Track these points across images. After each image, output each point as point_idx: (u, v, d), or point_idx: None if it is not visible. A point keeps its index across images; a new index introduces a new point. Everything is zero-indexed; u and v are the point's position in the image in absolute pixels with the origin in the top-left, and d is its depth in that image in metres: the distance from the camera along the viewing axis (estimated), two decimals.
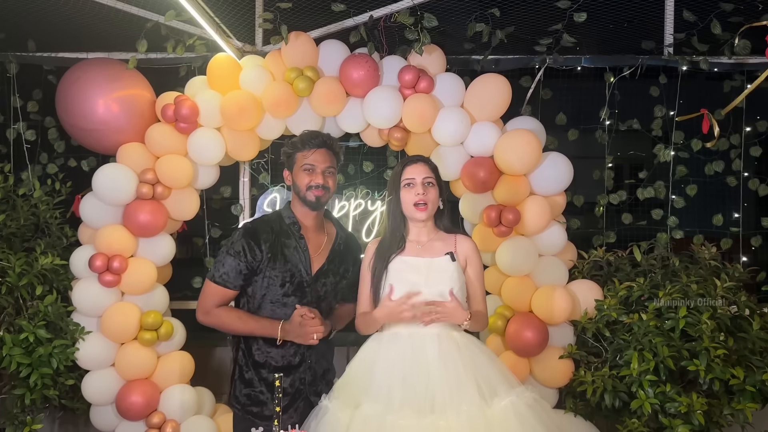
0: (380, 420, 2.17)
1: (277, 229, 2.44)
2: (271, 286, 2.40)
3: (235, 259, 2.38)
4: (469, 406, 2.17)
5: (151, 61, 3.53)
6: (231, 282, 2.40)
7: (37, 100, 3.74)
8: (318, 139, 2.44)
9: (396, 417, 2.16)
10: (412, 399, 2.19)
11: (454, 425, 2.14)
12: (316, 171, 2.41)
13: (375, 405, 2.21)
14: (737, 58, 3.45)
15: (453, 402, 2.18)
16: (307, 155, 2.42)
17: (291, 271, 2.40)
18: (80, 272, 3.21)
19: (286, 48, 3.22)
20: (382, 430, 2.15)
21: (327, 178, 2.43)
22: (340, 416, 2.23)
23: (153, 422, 3.17)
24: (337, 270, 2.52)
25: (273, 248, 2.40)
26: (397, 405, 2.19)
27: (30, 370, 2.95)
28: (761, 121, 3.63)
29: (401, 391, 2.21)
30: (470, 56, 3.55)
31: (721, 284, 2.89)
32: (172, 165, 3.23)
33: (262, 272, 2.39)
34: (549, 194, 3.25)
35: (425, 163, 2.45)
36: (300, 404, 2.44)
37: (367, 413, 2.20)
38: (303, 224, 2.47)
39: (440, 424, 2.15)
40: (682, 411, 2.67)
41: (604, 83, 3.58)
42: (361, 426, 2.18)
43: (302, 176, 2.42)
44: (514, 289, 3.20)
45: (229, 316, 2.43)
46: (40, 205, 3.40)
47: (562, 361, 3.11)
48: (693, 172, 3.63)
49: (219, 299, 2.43)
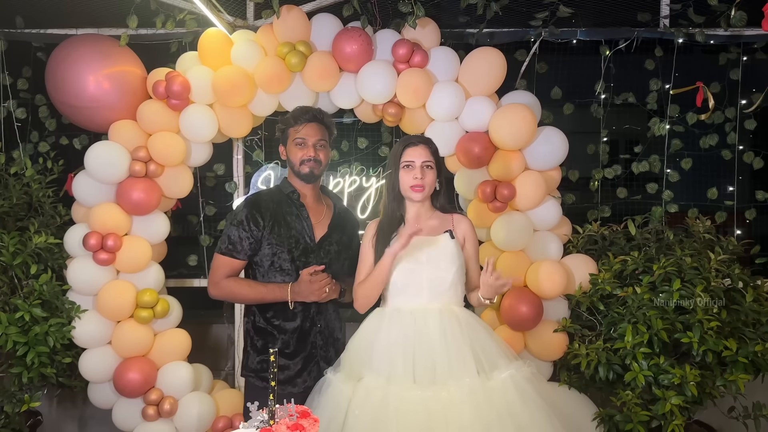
0: (383, 392, 2.22)
1: (277, 199, 2.57)
2: (278, 254, 2.50)
3: (238, 229, 2.48)
4: (470, 378, 2.23)
5: (141, 37, 3.48)
6: (237, 252, 2.49)
7: (26, 77, 3.70)
8: (308, 114, 2.56)
9: (399, 388, 2.22)
10: (414, 371, 2.24)
11: (456, 396, 2.19)
12: (308, 144, 2.53)
13: (377, 377, 2.26)
14: (733, 30, 3.42)
15: (454, 374, 2.23)
16: (298, 129, 2.54)
17: (295, 237, 2.51)
18: (74, 251, 3.20)
19: (277, 22, 3.17)
20: (385, 402, 2.20)
21: (318, 151, 2.54)
22: (343, 388, 2.29)
23: (151, 399, 3.19)
24: (340, 239, 2.62)
25: (275, 216, 2.50)
26: (399, 377, 2.24)
27: (26, 349, 2.95)
28: (756, 93, 3.62)
29: (403, 364, 2.26)
30: (465, 30, 3.51)
31: (715, 257, 2.90)
32: (164, 142, 3.20)
33: (266, 240, 2.49)
34: (544, 169, 3.24)
35: (426, 146, 2.48)
36: (313, 368, 2.53)
37: (369, 385, 2.26)
38: (302, 193, 2.59)
39: (442, 395, 2.20)
40: (676, 382, 2.70)
41: (599, 57, 3.55)
42: (363, 398, 2.23)
43: (295, 151, 2.55)
44: (509, 264, 3.20)
45: (238, 285, 2.52)
46: (32, 183, 3.38)
47: (557, 335, 3.14)
48: (688, 145, 3.63)
49: (228, 270, 2.52)
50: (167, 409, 3.19)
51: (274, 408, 1.55)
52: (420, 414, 2.15)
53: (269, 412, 1.54)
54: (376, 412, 2.17)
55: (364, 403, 2.21)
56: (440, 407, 2.17)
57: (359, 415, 2.18)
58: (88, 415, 3.73)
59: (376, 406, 2.19)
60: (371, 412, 2.18)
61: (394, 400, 2.18)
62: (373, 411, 2.18)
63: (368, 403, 2.20)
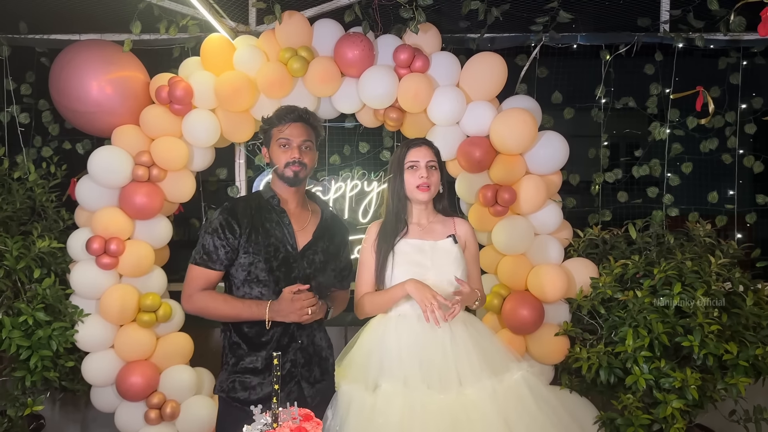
0: (404, 398, 2.19)
1: (255, 205, 2.34)
2: (255, 263, 2.26)
3: (212, 237, 2.25)
4: (489, 380, 2.26)
5: (144, 42, 3.50)
6: (213, 262, 2.26)
7: (30, 82, 3.72)
8: (293, 114, 2.34)
9: (420, 394, 2.20)
10: (431, 376, 2.24)
11: (477, 398, 2.22)
12: (292, 146, 2.31)
13: (395, 384, 2.22)
14: (732, 34, 3.45)
15: (472, 376, 2.25)
16: (282, 130, 2.33)
17: (275, 245, 2.27)
18: (78, 255, 3.22)
19: (279, 28, 3.19)
20: (410, 408, 2.17)
21: (303, 153, 2.32)
22: (366, 398, 2.22)
23: (153, 402, 3.20)
24: (326, 248, 2.39)
25: (252, 223, 2.27)
26: (416, 383, 2.22)
27: (30, 353, 2.96)
28: (756, 98, 3.64)
29: (419, 370, 2.25)
30: (466, 35, 3.53)
31: (715, 261, 2.91)
32: (167, 147, 3.22)
33: (243, 248, 2.26)
34: (545, 173, 3.26)
35: (429, 147, 2.49)
36: (294, 388, 2.28)
37: (388, 392, 2.22)
38: (283, 199, 2.37)
39: (465, 397, 2.22)
40: (677, 386, 2.71)
41: (599, 61, 3.58)
42: (384, 405, 2.18)
43: (278, 152, 2.33)
44: (510, 268, 3.22)
45: (213, 299, 2.28)
46: (35, 188, 3.39)
47: (558, 339, 3.15)
48: (688, 149, 3.65)
49: (203, 282, 2.29)
50: (169, 412, 3.20)
51: (278, 411, 1.56)
52: (446, 418, 2.15)
53: (272, 415, 1.55)
54: (400, 419, 2.14)
55: (387, 411, 2.16)
56: (463, 410, 2.18)
57: (383, 423, 2.13)
58: (90, 418, 3.74)
59: (399, 412, 2.15)
60: (395, 420, 2.14)
61: (419, 405, 2.17)
62: (396, 418, 2.14)
63: (391, 411, 2.16)
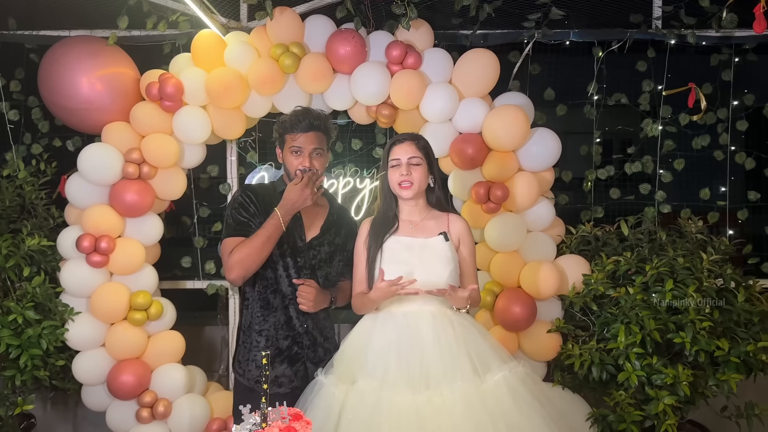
0: (376, 396, 2.21)
1: (270, 194, 2.51)
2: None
3: (238, 211, 2.44)
4: (463, 382, 2.22)
5: (134, 38, 3.47)
6: (244, 229, 2.41)
7: (19, 79, 3.68)
8: (305, 122, 2.45)
9: (391, 393, 2.20)
10: (407, 376, 2.23)
11: (449, 400, 2.19)
12: (303, 154, 2.45)
13: (371, 381, 2.25)
14: (725, 31, 3.44)
15: (447, 378, 2.22)
16: (295, 138, 2.46)
17: (285, 237, 2.42)
18: (68, 253, 3.20)
19: (271, 24, 3.17)
20: (378, 406, 2.19)
21: (314, 160, 2.46)
22: (335, 391, 2.27)
23: (145, 401, 3.18)
24: (333, 240, 2.55)
25: (267, 211, 2.41)
26: (392, 381, 2.22)
27: (20, 352, 2.95)
28: (748, 95, 3.64)
29: (396, 368, 2.25)
30: (458, 31, 3.51)
31: (707, 257, 2.91)
32: (157, 144, 3.20)
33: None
34: (537, 170, 3.25)
35: (413, 142, 2.46)
36: (300, 368, 2.47)
37: (363, 389, 2.24)
38: None
39: (435, 399, 2.19)
40: (668, 382, 2.71)
41: (592, 58, 3.56)
42: (356, 402, 2.22)
43: (290, 158, 2.48)
44: (502, 264, 3.21)
45: (242, 247, 2.36)
46: (25, 186, 3.37)
47: (550, 335, 3.14)
48: (680, 146, 3.65)
49: None
50: (161, 411, 3.18)
51: (267, 411, 1.55)
52: (412, 418, 2.14)
53: (261, 415, 1.54)
54: (368, 417, 2.16)
55: (357, 408, 2.20)
56: (433, 411, 2.16)
57: (352, 419, 2.17)
58: (81, 417, 3.71)
59: (369, 410, 2.18)
60: (364, 417, 2.17)
61: (387, 404, 2.17)
62: (365, 415, 2.17)
63: (361, 408, 2.19)
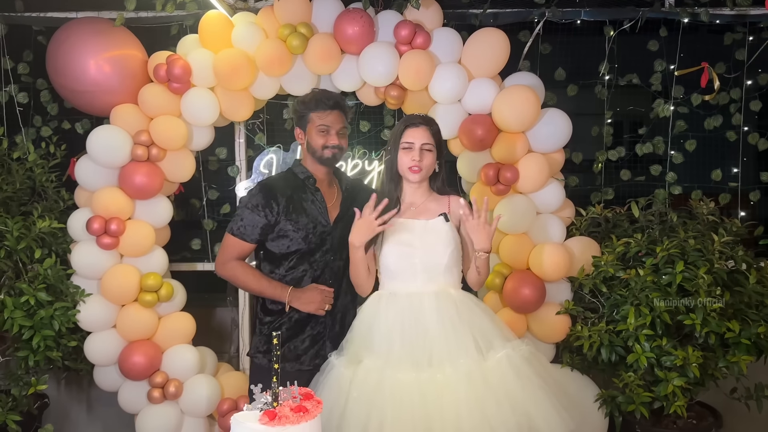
0: (380, 374, 2.24)
1: (292, 184, 2.57)
2: (294, 238, 2.51)
3: (252, 213, 2.50)
4: (466, 360, 2.24)
5: (142, 20, 3.46)
6: (248, 235, 2.52)
7: (27, 61, 3.67)
8: (332, 101, 2.54)
9: (394, 371, 2.24)
10: (410, 354, 2.26)
11: (451, 378, 2.21)
12: (331, 132, 2.53)
13: (375, 360, 2.29)
14: (739, 9, 3.38)
15: (450, 356, 2.24)
16: (322, 116, 2.53)
17: (312, 223, 2.53)
18: (78, 235, 3.21)
19: (278, 4, 3.14)
20: (382, 384, 2.22)
21: (341, 139, 2.55)
22: (344, 372, 2.31)
23: (156, 382, 3.21)
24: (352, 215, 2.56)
25: (291, 202, 2.52)
26: (395, 360, 2.26)
27: (32, 333, 2.97)
28: (762, 74, 3.58)
29: (400, 347, 2.28)
30: (468, 10, 3.47)
31: (718, 239, 2.89)
32: (166, 126, 3.19)
33: (281, 224, 2.50)
34: (547, 151, 3.23)
35: (427, 127, 2.47)
36: (322, 348, 2.56)
37: (368, 368, 2.28)
38: (318, 179, 2.60)
39: (438, 377, 2.21)
40: (678, 364, 2.71)
41: (603, 37, 3.52)
42: (362, 380, 2.26)
43: (317, 137, 2.54)
44: (511, 246, 3.20)
45: (244, 272, 2.56)
46: (35, 168, 3.37)
47: (559, 317, 3.14)
48: (692, 127, 3.61)
49: (236, 252, 2.55)
50: (172, 391, 3.21)
51: (278, 390, 1.56)
52: (415, 396, 2.17)
53: (273, 395, 1.55)
54: (372, 394, 2.20)
55: (362, 386, 2.24)
56: (435, 389, 2.18)
57: (357, 396, 2.21)
58: (94, 397, 3.77)
59: (372, 388, 2.21)
60: (368, 394, 2.20)
61: (390, 382, 2.21)
62: (369, 393, 2.20)
63: (365, 386, 2.23)
